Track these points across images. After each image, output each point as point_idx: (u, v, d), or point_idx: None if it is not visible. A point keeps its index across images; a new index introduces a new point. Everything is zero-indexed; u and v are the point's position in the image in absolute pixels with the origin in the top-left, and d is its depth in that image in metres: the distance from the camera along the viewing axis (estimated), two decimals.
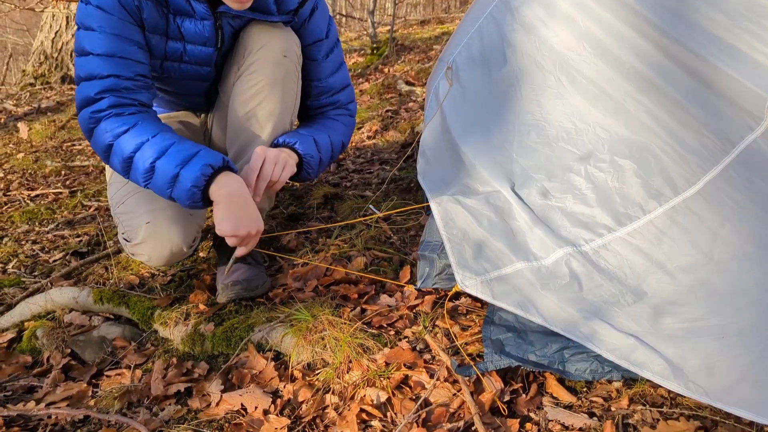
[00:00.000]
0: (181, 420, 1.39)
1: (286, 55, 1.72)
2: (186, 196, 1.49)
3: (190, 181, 1.47)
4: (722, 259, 1.10)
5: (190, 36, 1.66)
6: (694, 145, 1.10)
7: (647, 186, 1.14)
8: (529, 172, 1.27)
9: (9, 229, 2.66)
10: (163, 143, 1.50)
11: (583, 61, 1.21)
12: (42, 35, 5.96)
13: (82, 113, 1.55)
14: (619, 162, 1.17)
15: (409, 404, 1.32)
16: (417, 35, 6.01)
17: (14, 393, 1.57)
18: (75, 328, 1.80)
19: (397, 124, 3.44)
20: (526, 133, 1.29)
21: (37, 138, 4.19)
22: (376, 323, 1.57)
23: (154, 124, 1.56)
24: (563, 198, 1.23)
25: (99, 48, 1.53)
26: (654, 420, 1.19)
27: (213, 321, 1.68)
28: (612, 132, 1.18)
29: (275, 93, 1.73)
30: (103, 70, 1.53)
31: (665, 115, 1.13)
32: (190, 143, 1.53)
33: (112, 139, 1.52)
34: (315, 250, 2.01)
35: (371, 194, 2.40)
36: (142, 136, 1.51)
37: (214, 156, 1.51)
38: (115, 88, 1.54)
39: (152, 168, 1.49)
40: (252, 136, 1.74)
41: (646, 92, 1.15)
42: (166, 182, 1.49)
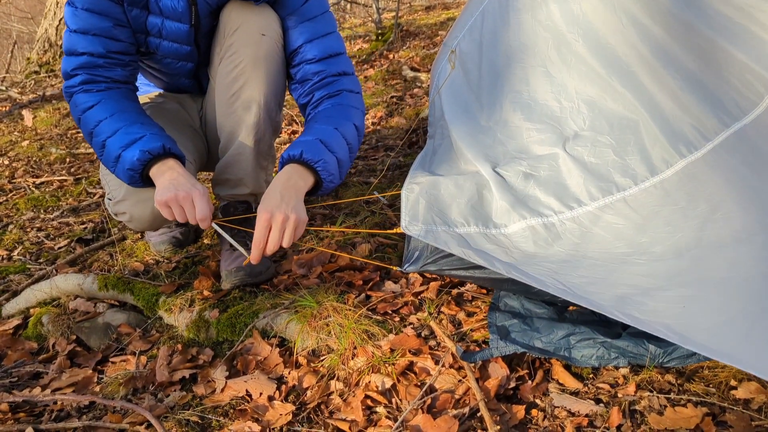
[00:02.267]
0: (186, 406, 1.39)
1: (265, 34, 1.68)
2: (125, 176, 1.56)
3: (128, 163, 1.52)
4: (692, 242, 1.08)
5: (167, 11, 1.66)
6: (678, 128, 1.08)
7: (624, 164, 1.12)
8: (512, 152, 1.25)
9: (14, 216, 2.66)
10: (116, 124, 1.57)
11: (575, 40, 1.19)
12: (46, 23, 5.94)
13: (63, 87, 1.65)
14: (599, 139, 1.14)
15: (414, 390, 1.31)
16: (422, 21, 5.96)
17: (20, 379, 1.57)
18: (80, 314, 1.80)
19: (402, 110, 3.42)
20: (512, 112, 1.27)
21: (42, 126, 4.18)
22: (381, 310, 1.56)
23: (117, 101, 1.62)
24: (539, 172, 1.21)
25: (75, 24, 1.60)
26: (661, 406, 1.19)
27: (218, 307, 1.67)
28: (596, 109, 1.16)
29: (258, 73, 1.70)
30: (78, 47, 1.60)
31: (654, 95, 1.11)
32: (140, 127, 1.58)
33: (80, 113, 1.61)
34: (320, 236, 2.01)
35: (375, 181, 2.39)
36: (102, 113, 1.58)
37: (155, 142, 1.54)
38: (88, 65, 1.61)
39: (104, 145, 1.57)
40: (239, 119, 1.72)
41: (638, 73, 1.13)
42: (111, 161, 1.56)
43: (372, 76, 4.34)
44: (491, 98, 1.32)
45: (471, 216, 1.29)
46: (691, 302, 1.04)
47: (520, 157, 1.23)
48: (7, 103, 4.89)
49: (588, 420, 1.19)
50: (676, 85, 1.10)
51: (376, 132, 3.18)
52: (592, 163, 1.15)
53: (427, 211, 1.36)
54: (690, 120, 1.08)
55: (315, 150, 1.54)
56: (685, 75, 1.10)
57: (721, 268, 1.03)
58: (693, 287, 1.04)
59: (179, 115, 1.95)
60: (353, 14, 8.24)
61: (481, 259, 1.22)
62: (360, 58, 4.91)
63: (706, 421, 1.12)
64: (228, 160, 1.77)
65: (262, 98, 1.71)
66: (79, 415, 1.42)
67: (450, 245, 1.30)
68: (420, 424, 1.22)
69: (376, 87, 4.07)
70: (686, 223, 1.06)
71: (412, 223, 1.38)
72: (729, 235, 1.03)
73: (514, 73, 1.27)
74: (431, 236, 1.33)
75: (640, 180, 1.11)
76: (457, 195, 1.32)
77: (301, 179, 1.52)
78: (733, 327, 0.99)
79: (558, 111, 1.20)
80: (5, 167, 3.36)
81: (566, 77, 1.20)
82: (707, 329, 1.02)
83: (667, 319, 1.04)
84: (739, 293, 1.01)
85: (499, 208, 1.25)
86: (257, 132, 1.74)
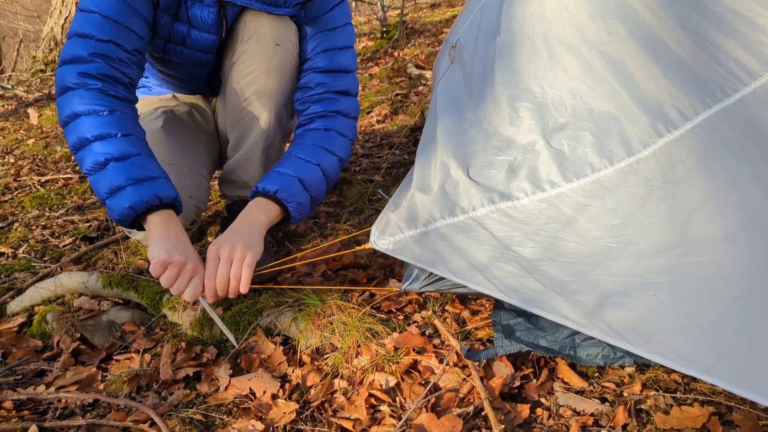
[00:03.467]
0: (190, 404, 1.39)
1: (279, 44, 1.68)
2: (118, 212, 1.39)
3: (129, 200, 1.37)
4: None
5: (196, 21, 1.64)
6: (658, 108, 1.07)
7: (601, 146, 1.10)
8: (494, 143, 1.23)
9: (19, 214, 2.67)
10: (129, 149, 1.42)
11: (563, 27, 1.18)
12: (52, 21, 5.96)
13: (65, 68, 1.46)
14: (579, 123, 1.13)
15: (419, 389, 1.31)
16: (427, 19, 5.95)
17: (24, 377, 1.57)
18: (84, 312, 1.80)
19: (407, 108, 3.41)
20: (497, 101, 1.25)
21: (48, 124, 4.19)
22: (385, 308, 1.55)
23: (131, 122, 1.48)
24: (516, 160, 1.19)
25: (106, 9, 1.48)
26: (667, 405, 1.18)
27: (221, 306, 1.67)
28: (577, 96, 1.14)
29: (270, 82, 1.70)
30: (103, 33, 1.47)
31: (637, 79, 1.10)
32: (155, 164, 1.46)
33: (82, 111, 1.42)
34: (324, 234, 2.00)
35: (380, 179, 2.38)
36: (113, 128, 1.42)
37: (169, 190, 1.42)
38: (110, 55, 1.48)
39: (104, 164, 1.40)
40: (249, 125, 1.73)
41: (623, 57, 1.12)
42: (107, 187, 1.39)
43: (377, 73, 4.34)
44: (480, 89, 1.30)
45: (437, 210, 1.27)
46: (668, 304, 1.03)
47: (499, 147, 1.21)
48: (13, 101, 4.91)
49: (593, 419, 1.18)
50: (660, 69, 1.09)
51: (380, 130, 3.18)
52: (571, 147, 1.13)
53: (395, 221, 1.34)
54: (671, 100, 1.06)
55: (291, 190, 1.54)
56: (670, 59, 1.09)
57: (705, 266, 1.02)
58: (672, 287, 1.03)
59: (194, 120, 1.95)
60: (358, 12, 8.24)
61: (440, 267, 1.25)
62: (365, 55, 4.90)
63: (712, 421, 1.11)
64: (237, 163, 1.79)
65: (273, 106, 1.72)
66: (83, 413, 1.42)
67: (415, 253, 1.30)
68: (424, 423, 1.21)
69: (381, 85, 4.07)
70: (667, 213, 1.05)
71: (380, 237, 1.35)
72: (712, 231, 1.02)
73: (503, 62, 1.26)
74: (399, 248, 1.31)
75: (616, 160, 1.09)
76: (422, 197, 1.31)
77: (263, 212, 1.52)
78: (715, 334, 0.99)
79: (540, 97, 1.18)
80: (11, 165, 3.36)
81: (551, 64, 1.19)
82: (679, 334, 1.02)
83: (644, 325, 1.04)
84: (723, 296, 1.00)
85: (467, 193, 1.22)
86: (267, 139, 1.76)
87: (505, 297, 1.19)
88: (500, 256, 1.20)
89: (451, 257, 1.26)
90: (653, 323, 1.05)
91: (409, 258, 1.31)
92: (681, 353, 1.01)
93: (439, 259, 1.27)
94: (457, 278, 1.25)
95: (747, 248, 1.00)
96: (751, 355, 0.97)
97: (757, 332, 0.98)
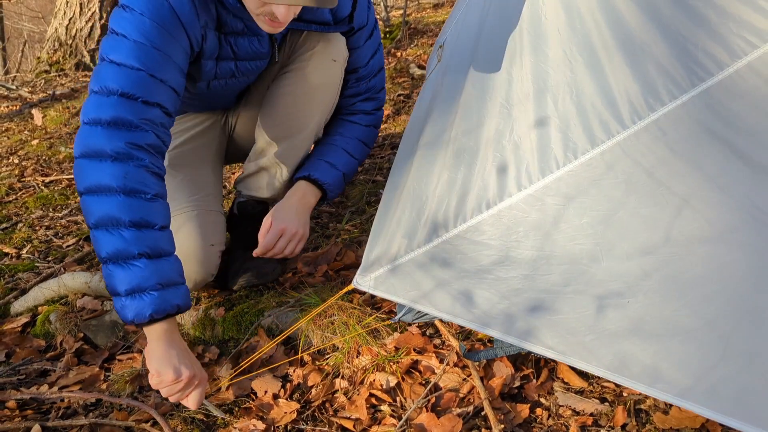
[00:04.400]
0: None
1: (336, 60, 1.68)
2: (134, 313, 1.24)
3: (152, 307, 1.23)
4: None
5: (244, 53, 1.58)
6: (625, 99, 1.06)
7: (566, 139, 1.09)
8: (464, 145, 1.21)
9: (23, 214, 2.68)
10: (165, 246, 1.29)
11: (534, 18, 1.17)
12: (56, 22, 5.97)
13: (104, 130, 1.26)
14: (549, 118, 1.11)
15: (419, 389, 1.31)
16: (430, 19, 5.95)
17: (28, 376, 1.58)
18: (87, 312, 1.81)
19: (410, 108, 3.41)
20: (472, 98, 1.23)
21: (52, 125, 4.21)
22: (386, 308, 1.56)
23: (166, 210, 1.34)
24: (483, 165, 1.17)
25: (151, 65, 1.30)
26: (666, 405, 1.18)
27: (223, 306, 1.68)
28: (545, 87, 1.13)
29: (318, 97, 1.71)
30: (151, 95, 1.30)
31: (605, 68, 1.09)
32: (180, 265, 1.33)
33: (120, 187, 1.24)
34: (325, 235, 2.01)
35: (382, 179, 2.38)
36: (153, 217, 1.27)
37: (188, 299, 1.32)
38: (157, 121, 1.32)
39: (134, 257, 1.24)
40: (286, 137, 1.73)
41: (596, 48, 1.11)
42: (130, 285, 1.23)
43: None
44: (454, 86, 1.29)
45: (410, 239, 1.24)
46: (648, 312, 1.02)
47: (464, 158, 1.19)
48: (17, 102, 4.93)
49: (593, 419, 1.18)
50: (629, 61, 1.08)
51: (383, 130, 3.18)
52: (537, 144, 1.11)
53: (374, 254, 1.30)
54: (638, 92, 1.06)
55: (337, 183, 1.72)
56: (640, 51, 1.08)
57: (695, 266, 1.01)
58: (660, 291, 1.03)
59: (200, 142, 1.90)
60: None
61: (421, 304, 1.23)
62: None
63: (711, 421, 1.12)
64: (261, 166, 1.77)
65: (314, 124, 1.74)
66: (85, 412, 1.43)
67: (395, 288, 1.26)
68: (424, 423, 1.22)
69: None
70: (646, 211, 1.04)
71: (362, 275, 1.31)
72: (699, 228, 1.01)
73: (481, 58, 1.25)
74: (380, 284, 1.28)
75: (580, 153, 1.08)
76: (396, 222, 1.28)
77: (313, 197, 1.69)
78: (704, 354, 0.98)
79: (508, 92, 1.17)
80: (15, 166, 3.38)
81: (521, 58, 1.18)
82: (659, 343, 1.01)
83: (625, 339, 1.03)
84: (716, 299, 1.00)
85: (439, 216, 1.20)
86: (298, 151, 1.76)
87: (496, 334, 1.16)
88: (478, 282, 1.16)
89: (431, 290, 1.22)
90: (636, 337, 1.04)
91: (391, 295, 1.27)
92: (660, 369, 1.00)
93: (420, 294, 1.23)
94: (444, 315, 1.21)
95: (722, 246, 1.00)
96: (740, 373, 0.96)
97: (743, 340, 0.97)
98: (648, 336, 1.02)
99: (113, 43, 1.32)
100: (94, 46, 5.77)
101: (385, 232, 1.30)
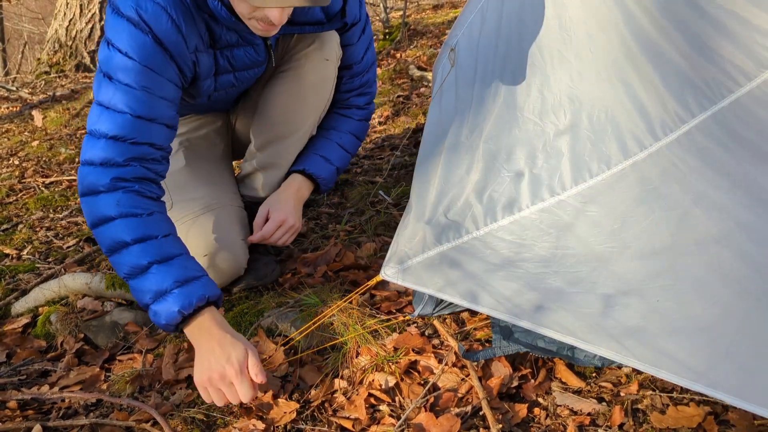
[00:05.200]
0: (192, 404, 1.40)
1: (328, 59, 1.70)
2: (166, 316, 1.30)
3: (178, 304, 1.29)
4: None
5: (241, 64, 1.60)
6: (654, 112, 1.08)
7: (599, 151, 1.11)
8: (494, 154, 1.24)
9: (24, 215, 2.69)
10: (171, 249, 1.36)
11: (565, 33, 1.18)
12: (56, 23, 5.98)
13: (94, 170, 1.36)
14: (579, 132, 1.13)
15: (418, 389, 1.32)
16: (430, 20, 5.96)
17: (29, 377, 1.59)
18: (88, 313, 1.81)
19: (409, 109, 3.42)
20: (497, 109, 1.25)
21: (52, 126, 4.21)
22: (385, 308, 1.57)
23: (168, 222, 1.41)
24: (517, 173, 1.19)
25: (138, 108, 1.36)
26: (664, 405, 1.19)
27: (223, 306, 1.68)
28: (576, 102, 1.15)
29: (313, 98, 1.74)
30: (139, 135, 1.37)
31: (633, 84, 1.11)
32: (196, 263, 1.39)
33: (117, 214, 1.33)
34: (325, 236, 2.02)
35: (381, 180, 2.39)
36: (153, 230, 1.35)
37: (215, 288, 1.36)
38: (146, 157, 1.39)
39: (146, 268, 1.31)
40: (281, 137, 1.76)
41: (622, 63, 1.13)
42: (152, 291, 1.31)
43: (379, 75, 4.35)
44: (481, 95, 1.30)
45: (441, 234, 1.27)
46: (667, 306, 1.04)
47: (498, 161, 1.22)
48: (17, 103, 4.94)
49: (590, 419, 1.19)
50: (658, 74, 1.09)
51: (382, 131, 3.19)
52: (571, 154, 1.14)
53: (402, 250, 1.33)
54: (667, 104, 1.07)
55: (331, 177, 1.81)
56: (667, 65, 1.09)
57: (699, 268, 1.03)
58: (670, 289, 1.04)
59: (211, 140, 1.94)
60: None
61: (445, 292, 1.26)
62: None
63: (708, 420, 1.12)
64: (257, 166, 1.82)
65: (308, 122, 1.77)
66: (86, 412, 1.44)
67: (423, 280, 1.29)
68: (423, 422, 1.22)
69: (383, 86, 4.07)
70: (663, 214, 1.06)
71: (389, 267, 1.34)
72: (705, 232, 1.03)
73: (504, 68, 1.26)
74: (409, 276, 1.31)
75: (613, 164, 1.10)
76: (424, 223, 1.32)
77: (307, 190, 1.79)
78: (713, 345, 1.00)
79: (540, 105, 1.19)
80: (15, 167, 3.39)
81: (552, 71, 1.20)
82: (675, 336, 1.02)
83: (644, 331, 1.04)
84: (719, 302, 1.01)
85: (469, 213, 1.23)
86: (295, 149, 1.80)
87: (514, 320, 1.19)
88: (506, 275, 1.20)
89: (458, 280, 1.25)
90: (653, 327, 1.05)
91: (419, 286, 1.31)
92: (676, 356, 1.02)
93: (447, 283, 1.27)
94: (465, 303, 1.24)
95: (749, 244, 1.01)
96: (750, 359, 0.98)
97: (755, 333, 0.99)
98: (664, 327, 1.05)
99: (99, 82, 1.38)
100: (94, 48, 5.79)
101: (413, 226, 1.33)
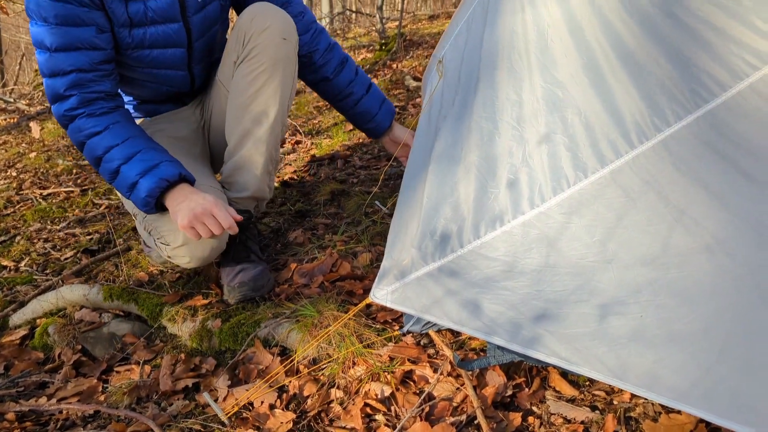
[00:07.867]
0: (189, 415, 1.41)
1: (286, 38, 1.73)
2: (141, 203, 1.61)
3: (145, 191, 1.58)
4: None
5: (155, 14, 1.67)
6: (631, 118, 1.10)
7: (576, 158, 1.12)
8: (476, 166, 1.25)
9: (21, 227, 2.70)
10: (130, 150, 1.61)
11: (543, 40, 1.20)
12: None
13: (54, 108, 1.63)
14: (555, 138, 1.15)
15: (413, 398, 1.33)
16: (425, 30, 6.00)
17: (26, 388, 1.60)
18: (85, 324, 1.82)
19: (405, 120, 3.44)
20: (478, 119, 1.26)
21: (49, 137, 4.23)
22: (381, 318, 1.58)
23: (125, 127, 1.65)
24: (498, 184, 1.21)
25: (55, 41, 1.56)
26: (656, 413, 1.20)
27: (220, 317, 1.69)
28: (554, 108, 1.17)
29: (275, 78, 1.74)
30: (64, 65, 1.58)
31: (612, 90, 1.12)
32: (154, 153, 1.63)
33: (84, 138, 1.62)
34: (321, 246, 2.03)
35: (378, 190, 2.41)
36: (113, 139, 1.61)
37: (172, 169, 1.60)
38: (79, 83, 1.60)
39: (117, 171, 1.61)
40: (252, 124, 1.76)
41: (603, 70, 1.14)
42: (126, 187, 1.61)
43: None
44: (463, 105, 1.32)
45: (425, 253, 1.28)
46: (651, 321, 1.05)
47: (480, 176, 1.23)
48: (15, 114, 4.95)
49: (584, 427, 1.20)
50: (634, 83, 1.11)
51: (378, 141, 3.21)
52: (548, 164, 1.15)
53: (390, 272, 1.34)
54: (644, 112, 1.09)
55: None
56: (644, 74, 1.11)
57: (695, 277, 1.04)
58: (653, 304, 1.06)
59: (188, 144, 1.97)
60: (357, 24, 8.29)
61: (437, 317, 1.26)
62: (364, 67, 4.94)
63: (699, 428, 1.14)
64: (238, 163, 1.80)
65: (277, 105, 1.76)
66: (84, 424, 1.45)
67: (411, 301, 1.30)
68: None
69: None
70: (643, 228, 1.08)
71: (378, 288, 1.35)
72: (695, 241, 1.04)
73: (484, 77, 1.28)
74: (396, 297, 1.32)
75: (590, 172, 1.11)
76: (409, 242, 1.32)
77: None
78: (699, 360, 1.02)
79: (519, 111, 1.20)
80: (13, 179, 3.40)
81: (530, 76, 1.21)
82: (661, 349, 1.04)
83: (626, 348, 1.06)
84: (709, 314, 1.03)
85: (453, 232, 1.24)
86: (270, 137, 1.78)
87: (502, 342, 1.20)
88: (492, 297, 1.20)
89: (445, 302, 1.26)
90: (637, 345, 1.07)
91: (407, 308, 1.31)
92: (658, 375, 1.03)
93: (434, 304, 1.27)
94: (453, 325, 1.25)
95: (725, 258, 1.03)
96: (733, 376, 0.99)
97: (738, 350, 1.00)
98: (648, 343, 1.06)
99: (30, 29, 1.63)
100: None
101: (400, 246, 1.33)
